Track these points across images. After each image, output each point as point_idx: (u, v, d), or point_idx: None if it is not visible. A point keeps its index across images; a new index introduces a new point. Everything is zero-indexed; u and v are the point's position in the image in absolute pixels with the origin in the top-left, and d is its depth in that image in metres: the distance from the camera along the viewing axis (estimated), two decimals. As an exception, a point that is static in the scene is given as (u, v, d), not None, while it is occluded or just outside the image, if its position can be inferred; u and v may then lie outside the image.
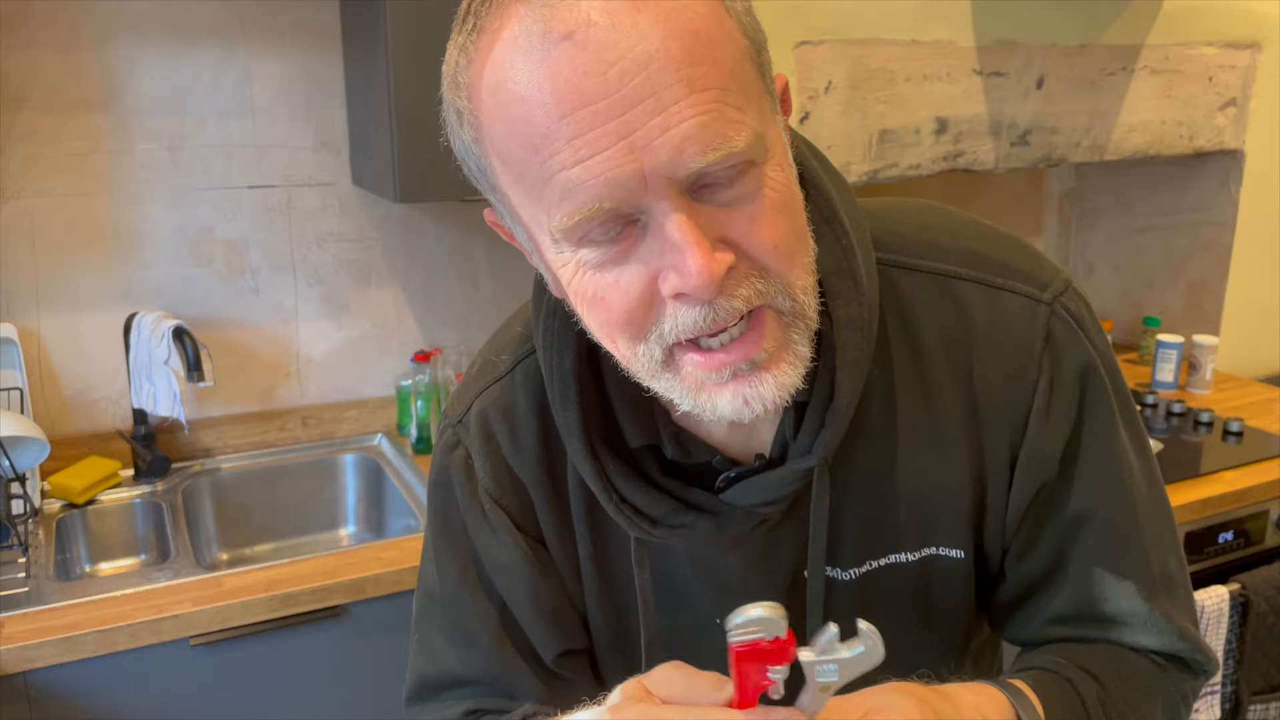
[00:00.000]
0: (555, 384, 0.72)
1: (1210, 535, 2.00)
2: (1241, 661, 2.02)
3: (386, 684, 1.68)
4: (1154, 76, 2.45)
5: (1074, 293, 0.74)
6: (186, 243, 1.98)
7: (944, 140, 2.24)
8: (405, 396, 2.16)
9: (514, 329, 0.82)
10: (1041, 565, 0.78)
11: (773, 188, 0.59)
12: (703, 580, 0.79)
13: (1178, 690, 0.80)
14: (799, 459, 0.70)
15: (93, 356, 1.96)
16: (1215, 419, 2.32)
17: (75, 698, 1.48)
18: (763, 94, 0.60)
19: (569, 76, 0.54)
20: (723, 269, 0.57)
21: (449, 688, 0.83)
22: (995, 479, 0.75)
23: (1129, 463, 0.76)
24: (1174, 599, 0.78)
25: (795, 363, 0.63)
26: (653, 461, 0.73)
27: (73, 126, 1.86)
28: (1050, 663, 0.75)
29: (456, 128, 0.62)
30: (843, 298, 0.67)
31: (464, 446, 0.80)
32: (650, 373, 0.64)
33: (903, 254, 0.74)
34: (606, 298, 0.60)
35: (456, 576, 0.82)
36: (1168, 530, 0.79)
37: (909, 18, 2.13)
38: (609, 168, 0.55)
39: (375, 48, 1.74)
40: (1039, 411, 0.73)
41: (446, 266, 2.21)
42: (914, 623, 0.80)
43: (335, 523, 2.11)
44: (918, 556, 0.77)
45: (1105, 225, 2.95)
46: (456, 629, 0.82)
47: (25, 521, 1.72)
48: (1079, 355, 0.73)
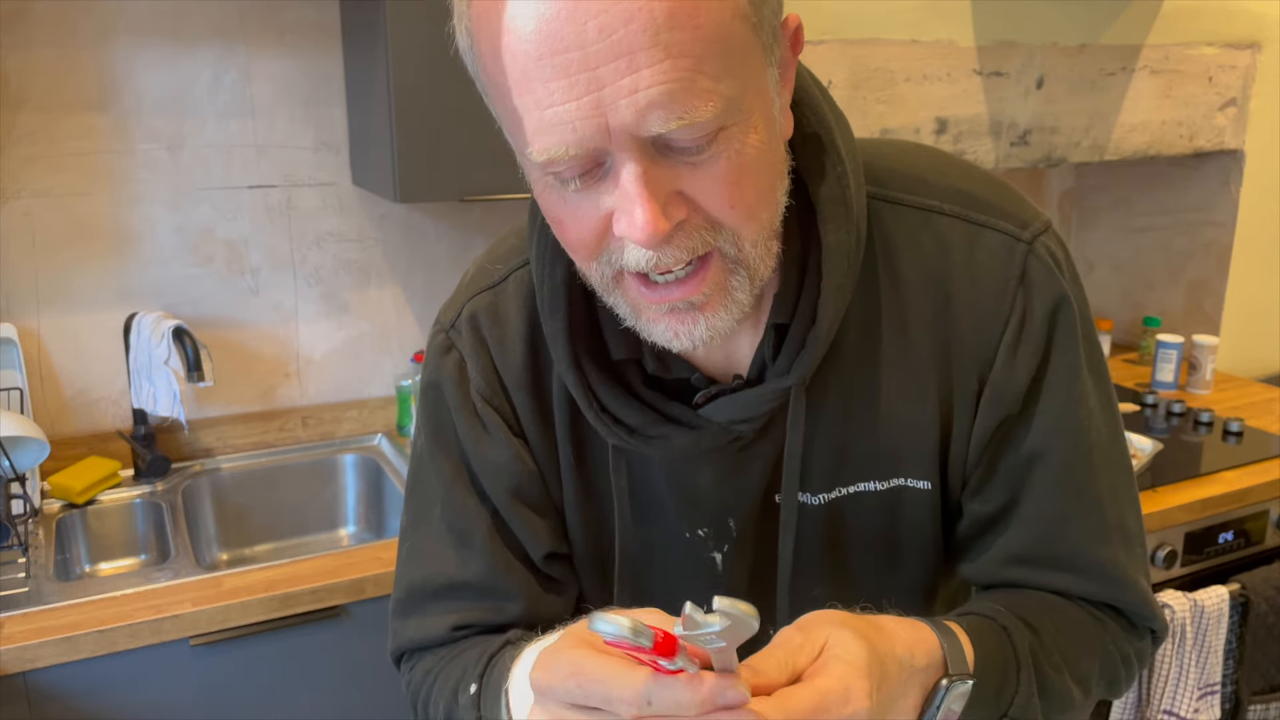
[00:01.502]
0: (545, 294, 0.74)
1: (1210, 535, 2.00)
2: (1241, 661, 2.02)
3: (386, 684, 1.68)
4: (1154, 76, 2.45)
5: (1053, 234, 0.76)
6: (186, 243, 1.99)
7: (944, 140, 2.24)
8: (405, 396, 2.16)
9: (509, 241, 0.84)
10: (995, 501, 0.79)
11: (739, 150, 0.60)
12: (675, 493, 0.81)
13: (1118, 649, 0.80)
14: (777, 379, 0.72)
15: (93, 356, 1.96)
16: (1215, 419, 2.32)
17: (75, 698, 1.48)
18: (753, 50, 0.60)
19: (551, 20, 0.55)
20: (669, 226, 0.60)
21: (437, 596, 0.83)
22: (961, 412, 0.77)
23: (1089, 407, 0.77)
24: (1129, 551, 0.79)
25: (731, 307, 0.66)
26: (635, 375, 0.75)
27: (72, 126, 1.86)
28: (988, 609, 0.76)
29: (456, 23, 0.64)
30: (833, 223, 0.69)
31: (457, 350, 0.82)
32: (602, 288, 0.68)
33: (889, 188, 0.76)
34: (564, 222, 0.64)
35: (450, 478, 0.83)
36: (1126, 485, 0.80)
37: (909, 18, 2.13)
38: (576, 117, 0.57)
39: (375, 47, 1.74)
40: (1007, 345, 0.74)
41: (446, 266, 2.21)
42: (882, 553, 0.81)
43: (335, 523, 2.12)
44: (886, 486, 0.79)
45: (1105, 225, 2.95)
46: (451, 529, 0.83)
47: (25, 521, 1.72)
48: (1051, 295, 0.74)
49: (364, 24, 1.81)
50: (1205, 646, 1.95)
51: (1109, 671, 0.80)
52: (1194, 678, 1.93)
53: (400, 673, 0.88)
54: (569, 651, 0.59)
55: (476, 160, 1.73)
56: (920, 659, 0.66)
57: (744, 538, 0.82)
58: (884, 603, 0.80)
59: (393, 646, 0.87)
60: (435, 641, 0.84)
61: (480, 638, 0.82)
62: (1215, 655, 1.96)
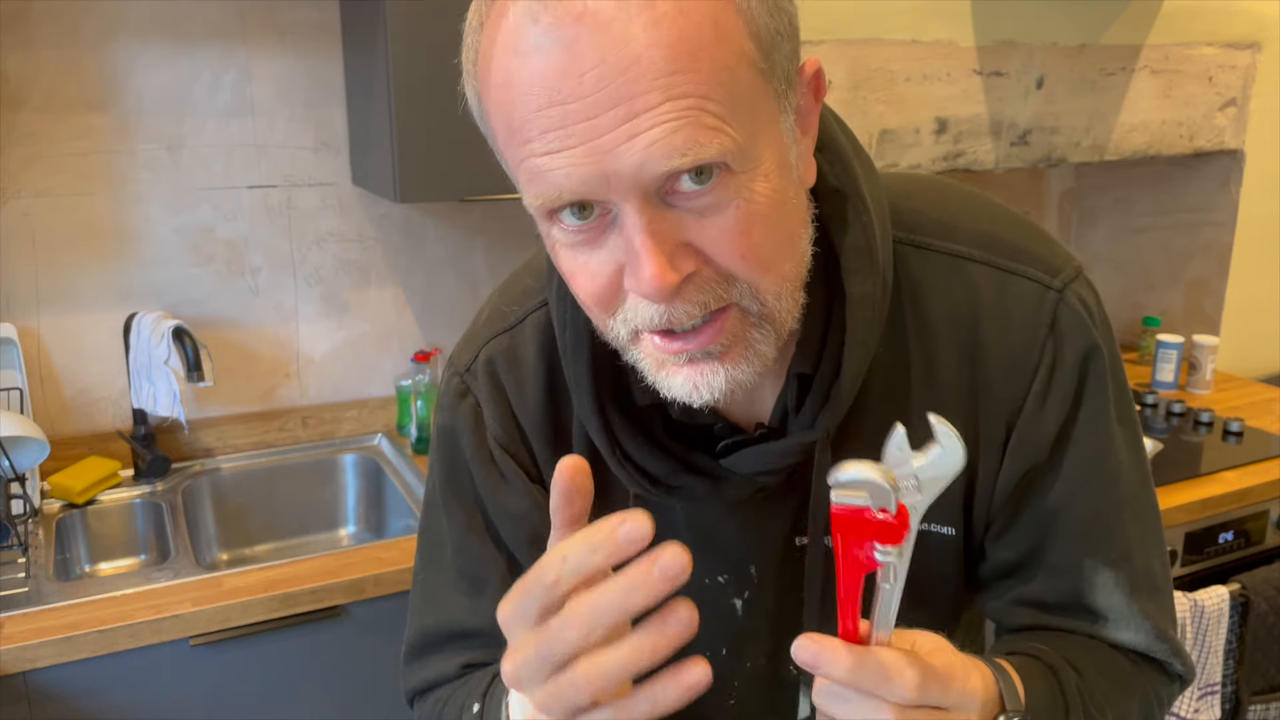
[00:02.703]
0: (568, 337, 0.73)
1: (1210, 535, 2.00)
2: (1241, 661, 2.02)
3: (386, 684, 1.68)
4: (1154, 76, 2.45)
5: (1084, 281, 0.75)
6: (186, 243, 1.99)
7: (944, 140, 2.24)
8: (405, 396, 2.16)
9: (524, 281, 0.83)
10: (1019, 549, 0.78)
11: (749, 199, 0.58)
12: (696, 540, 0.79)
13: (1155, 692, 0.80)
14: (801, 432, 0.71)
15: (93, 356, 1.96)
16: (1215, 419, 2.32)
17: (75, 698, 1.48)
18: (763, 97, 0.59)
19: (548, 73, 0.55)
20: (677, 279, 0.58)
21: (451, 640, 0.83)
22: (987, 460, 0.76)
23: (1119, 458, 0.76)
24: (1156, 601, 0.78)
25: (752, 359, 0.64)
26: (657, 422, 0.74)
27: (73, 126, 1.86)
28: (1032, 649, 0.76)
29: (466, 82, 0.64)
30: (858, 274, 0.68)
31: (473, 395, 0.81)
32: (619, 344, 0.66)
33: (918, 233, 0.75)
34: (577, 277, 0.62)
35: (464, 524, 0.82)
36: (1154, 533, 0.80)
37: (909, 18, 2.13)
38: (571, 165, 0.56)
39: (375, 47, 1.74)
40: (1036, 395, 0.73)
41: (446, 266, 2.21)
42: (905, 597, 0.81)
43: (335, 523, 2.12)
44: None
45: (1105, 225, 2.95)
46: (464, 575, 0.83)
47: (25, 521, 1.72)
48: (1082, 344, 0.73)
49: (364, 24, 1.81)
50: (1205, 646, 1.95)
51: (1145, 711, 0.80)
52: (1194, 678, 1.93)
53: (413, 710, 0.88)
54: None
55: (476, 160, 1.73)
56: (982, 694, 0.66)
57: (764, 583, 0.81)
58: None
59: (406, 689, 0.87)
60: (447, 680, 0.84)
61: (490, 667, 0.81)
62: (1215, 655, 1.96)
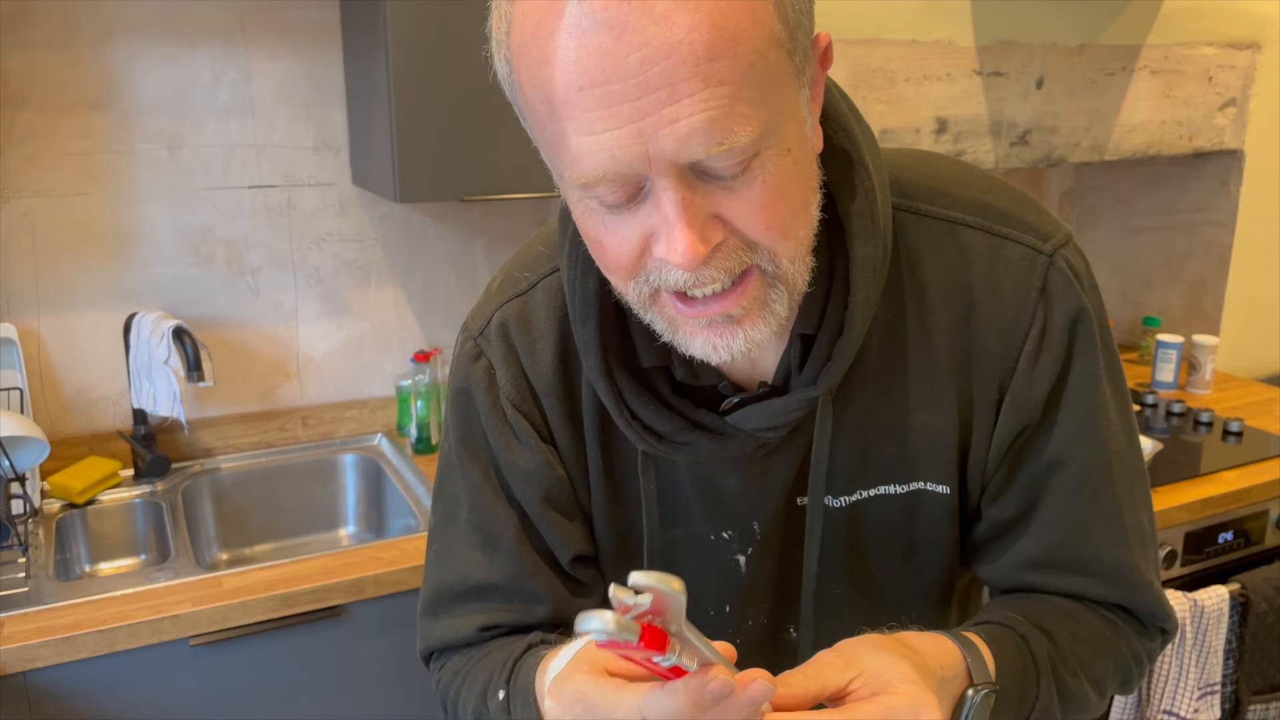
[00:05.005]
0: (577, 302, 0.75)
1: (1210, 535, 2.01)
2: (1241, 661, 2.02)
3: (386, 684, 1.68)
4: (1154, 77, 2.45)
5: (1074, 247, 0.77)
6: (186, 243, 1.99)
7: (944, 140, 2.24)
8: (405, 396, 2.16)
9: (536, 248, 0.85)
10: (1014, 507, 0.81)
11: (774, 172, 0.61)
12: (701, 497, 0.83)
13: (1131, 650, 0.83)
14: (804, 389, 0.73)
15: (93, 356, 1.96)
16: (1215, 419, 2.32)
17: (75, 698, 1.48)
18: (787, 74, 0.61)
19: (594, 53, 0.56)
20: (707, 249, 0.61)
21: (465, 597, 0.85)
22: (981, 420, 0.78)
23: (1108, 415, 0.78)
24: (1143, 553, 0.81)
25: (769, 319, 0.67)
26: (664, 382, 0.77)
27: (72, 126, 1.86)
28: (1006, 618, 0.78)
29: (495, 51, 0.65)
30: (861, 237, 0.71)
31: (486, 357, 0.83)
32: (638, 305, 0.69)
33: (915, 200, 0.77)
34: (604, 243, 0.65)
35: (479, 482, 0.84)
36: (1141, 489, 0.82)
37: (909, 18, 2.13)
38: (616, 145, 0.58)
39: (375, 47, 1.74)
40: (1028, 356, 0.76)
41: (446, 266, 2.21)
42: (900, 554, 0.83)
43: (335, 523, 2.12)
44: (906, 490, 0.80)
45: (1105, 225, 2.95)
46: (479, 532, 0.85)
47: (25, 521, 1.72)
48: (1071, 306, 0.75)
49: (364, 24, 1.81)
50: (1205, 646, 1.95)
51: (1122, 672, 0.83)
52: (1194, 678, 1.93)
53: (430, 671, 0.90)
54: (573, 679, 0.62)
55: (476, 160, 1.73)
56: (947, 671, 0.69)
57: (768, 540, 0.84)
58: (903, 604, 0.83)
59: (421, 646, 0.89)
60: (463, 641, 0.86)
61: (506, 639, 0.84)
62: (1215, 655, 1.96)
